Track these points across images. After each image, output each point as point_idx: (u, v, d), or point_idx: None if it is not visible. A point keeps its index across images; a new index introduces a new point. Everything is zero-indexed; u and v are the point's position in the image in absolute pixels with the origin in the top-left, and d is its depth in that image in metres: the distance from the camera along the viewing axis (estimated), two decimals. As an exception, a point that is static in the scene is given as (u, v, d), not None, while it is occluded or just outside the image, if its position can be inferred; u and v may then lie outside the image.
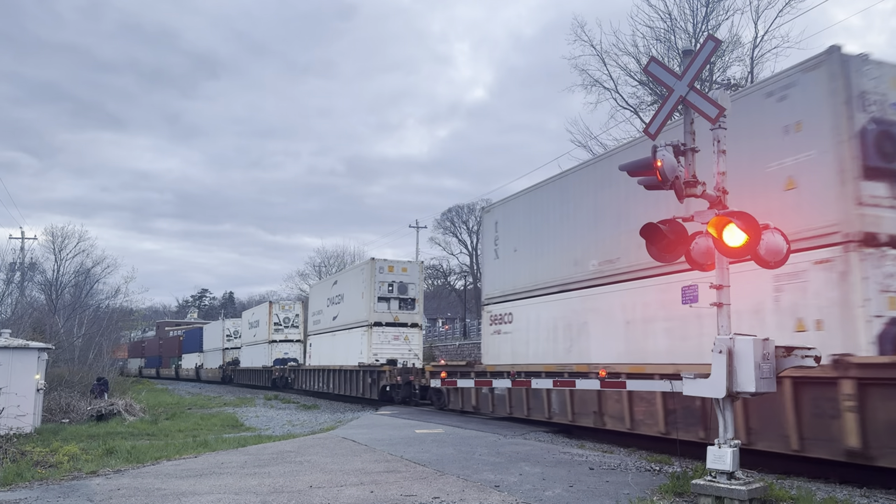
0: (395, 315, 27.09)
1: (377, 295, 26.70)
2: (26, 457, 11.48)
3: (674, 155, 7.46)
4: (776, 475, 8.96)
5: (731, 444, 7.02)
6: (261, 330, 43.21)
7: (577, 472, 9.32)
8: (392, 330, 26.95)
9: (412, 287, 27.32)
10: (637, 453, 11.51)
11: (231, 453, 11.66)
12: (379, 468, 9.67)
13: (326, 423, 19.52)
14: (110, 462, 11.15)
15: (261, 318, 43.49)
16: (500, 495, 7.75)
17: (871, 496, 7.86)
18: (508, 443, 12.58)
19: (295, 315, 41.81)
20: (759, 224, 6.98)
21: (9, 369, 17.04)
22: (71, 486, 8.76)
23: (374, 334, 26.55)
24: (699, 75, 7.88)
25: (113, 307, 44.06)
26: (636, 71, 26.87)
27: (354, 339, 28.21)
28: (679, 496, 7.48)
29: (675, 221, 7.62)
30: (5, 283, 42.23)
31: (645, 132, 8.30)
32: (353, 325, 28.48)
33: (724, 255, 7.25)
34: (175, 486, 8.57)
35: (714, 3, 25.81)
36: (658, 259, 7.87)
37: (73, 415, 20.92)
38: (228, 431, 18.07)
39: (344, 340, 29.48)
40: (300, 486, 8.36)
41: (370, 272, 27.00)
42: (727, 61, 26.13)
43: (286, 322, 41.51)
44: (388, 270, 27.20)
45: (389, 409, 22.12)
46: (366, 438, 13.22)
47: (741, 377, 7.02)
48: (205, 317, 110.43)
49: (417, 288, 27.83)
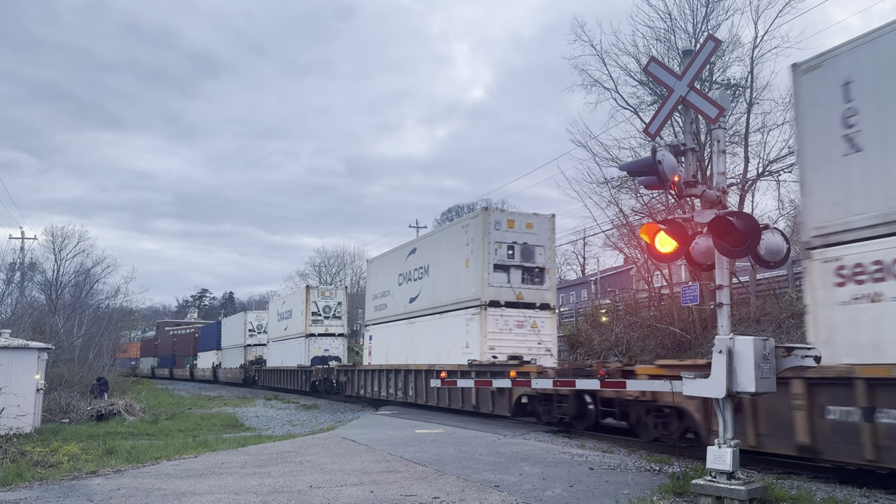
0: (518, 291, 18.94)
1: (493, 262, 18.72)
2: (26, 457, 11.48)
3: (674, 155, 7.47)
4: (776, 475, 8.96)
5: (731, 445, 7.02)
6: (294, 322, 35.97)
7: (577, 472, 9.32)
8: (515, 313, 18.86)
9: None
10: (637, 453, 11.51)
11: (231, 453, 11.66)
12: (379, 468, 9.67)
13: (326, 423, 19.53)
14: (110, 462, 11.15)
15: (294, 306, 36.19)
16: (499, 495, 7.75)
17: (871, 496, 7.86)
18: (508, 443, 12.58)
19: (337, 303, 34.63)
20: (759, 224, 6.99)
21: (9, 369, 17.05)
22: (71, 486, 8.76)
23: (489, 319, 18.46)
24: (699, 75, 7.89)
25: (113, 307, 44.11)
26: (636, 71, 26.86)
27: (452, 328, 20.18)
28: (679, 496, 7.48)
29: (675, 221, 7.63)
30: (5, 283, 42.30)
31: (645, 132, 8.30)
32: (450, 306, 20.38)
33: (725, 255, 7.26)
34: (175, 486, 8.57)
35: (714, 3, 25.81)
36: (659, 260, 7.87)
37: (73, 415, 20.93)
38: (228, 431, 18.07)
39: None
40: (300, 486, 8.36)
41: (482, 228, 18.84)
42: (727, 61, 26.12)
43: (326, 312, 34.40)
44: (508, 226, 19.14)
45: (389, 408, 22.12)
46: (366, 438, 13.22)
47: (741, 377, 7.02)
48: (205, 317, 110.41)
49: (548, 253, 19.51)
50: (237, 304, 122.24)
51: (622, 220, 28.03)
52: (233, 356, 48.97)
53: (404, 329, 23.89)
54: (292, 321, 36.44)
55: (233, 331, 49.76)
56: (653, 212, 25.65)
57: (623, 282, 38.13)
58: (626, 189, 27.10)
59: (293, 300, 37.10)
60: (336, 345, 34.37)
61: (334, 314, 34.74)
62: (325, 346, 33.98)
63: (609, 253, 46.96)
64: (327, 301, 34.74)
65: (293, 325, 36.14)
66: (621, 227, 28.87)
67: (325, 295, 34.91)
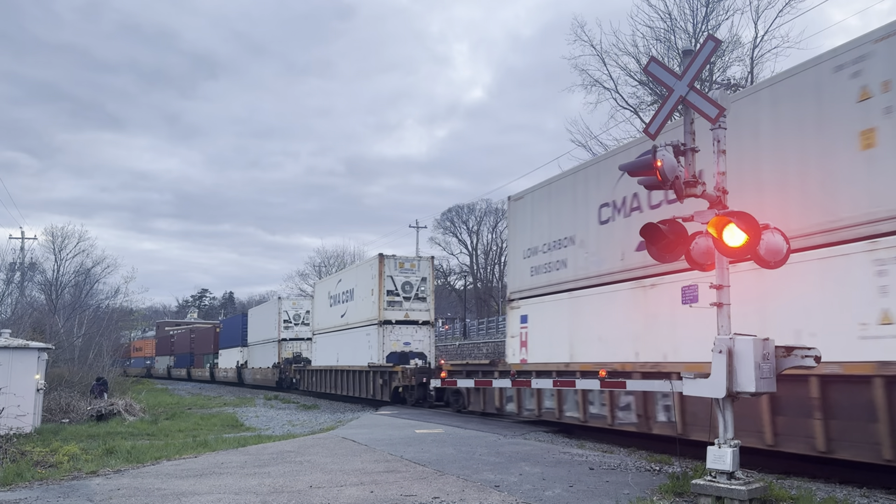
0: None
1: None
2: (26, 457, 11.48)
3: (674, 155, 7.47)
4: (776, 475, 8.96)
5: (731, 444, 7.02)
6: (359, 305, 27.71)
7: (577, 472, 9.31)
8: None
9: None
10: (637, 453, 11.51)
11: (231, 453, 11.66)
12: (379, 468, 9.67)
13: (326, 423, 19.52)
14: (110, 462, 11.15)
15: (359, 283, 28.00)
16: (500, 495, 7.75)
17: (871, 496, 7.86)
18: (508, 443, 12.57)
19: (421, 279, 26.41)
20: (759, 224, 6.98)
21: (9, 369, 17.04)
22: (71, 486, 8.76)
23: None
24: (699, 75, 7.88)
25: (113, 307, 44.08)
26: (636, 71, 26.88)
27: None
28: (679, 496, 7.48)
29: (675, 221, 7.63)
30: (5, 283, 42.29)
31: (645, 132, 8.30)
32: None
33: (725, 255, 7.25)
34: (175, 486, 8.57)
35: (714, 3, 25.82)
36: (658, 259, 7.87)
37: (73, 415, 20.93)
38: (228, 431, 18.07)
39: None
40: (300, 486, 8.36)
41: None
42: (727, 61, 26.15)
43: (407, 290, 26.18)
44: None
45: (389, 409, 22.11)
46: (366, 438, 13.21)
47: (741, 377, 7.02)
48: (205, 317, 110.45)
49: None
50: (237, 304, 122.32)
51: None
52: (263, 353, 41.14)
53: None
54: (356, 305, 28.15)
55: (262, 323, 41.65)
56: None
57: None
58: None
59: (357, 275, 28.70)
60: (420, 336, 25.89)
61: (417, 294, 26.13)
62: (406, 337, 25.79)
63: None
64: (408, 276, 26.18)
65: (357, 310, 27.90)
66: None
67: (405, 268, 26.23)
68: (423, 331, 25.97)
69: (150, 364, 74.97)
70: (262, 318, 42.41)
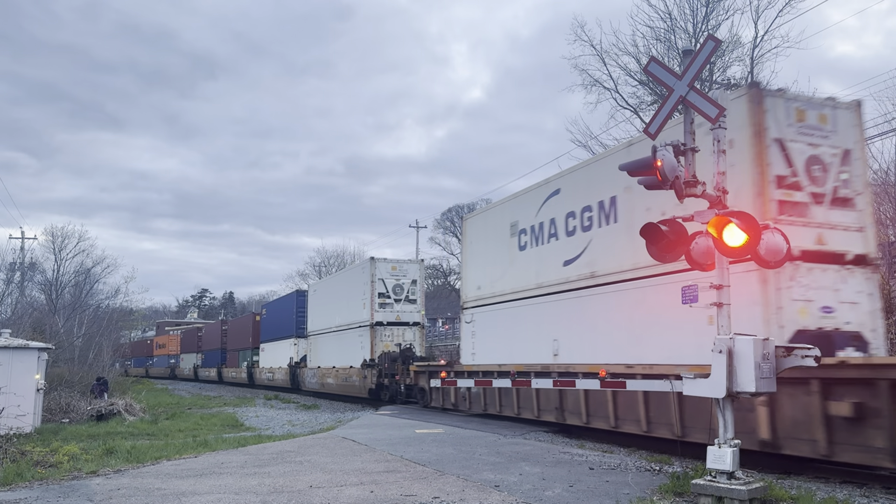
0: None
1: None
2: (26, 457, 11.48)
3: (674, 155, 7.47)
4: (776, 475, 8.96)
5: (731, 444, 7.02)
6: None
7: (577, 471, 9.31)
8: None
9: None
10: (637, 453, 11.51)
11: (231, 453, 11.66)
12: (379, 468, 9.67)
13: (326, 423, 19.53)
14: (110, 462, 11.15)
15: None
16: (500, 495, 7.75)
17: (871, 496, 7.86)
18: (508, 443, 12.57)
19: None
20: (759, 224, 6.98)
21: (9, 369, 17.05)
22: (71, 486, 8.76)
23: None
24: (699, 75, 7.88)
25: (113, 307, 44.11)
26: (636, 71, 26.87)
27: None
28: (679, 496, 7.48)
29: (675, 221, 7.63)
30: (5, 283, 42.28)
31: (645, 132, 8.30)
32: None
33: (725, 255, 7.25)
34: (175, 485, 8.57)
35: (714, 3, 25.82)
36: (658, 259, 7.87)
37: (73, 415, 20.94)
38: (228, 431, 18.07)
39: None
40: (300, 486, 8.35)
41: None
42: (727, 61, 26.14)
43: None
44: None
45: (389, 409, 22.10)
46: (366, 438, 13.21)
47: (741, 377, 7.01)
48: (205, 317, 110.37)
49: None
50: (237, 304, 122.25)
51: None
52: (340, 346, 29.77)
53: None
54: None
55: (338, 299, 30.46)
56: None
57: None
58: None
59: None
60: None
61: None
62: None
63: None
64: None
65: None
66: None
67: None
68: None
69: (175, 363, 65.92)
70: (337, 292, 31.19)
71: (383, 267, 27.27)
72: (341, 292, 30.08)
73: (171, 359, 67.48)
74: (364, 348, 26.81)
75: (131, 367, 79.77)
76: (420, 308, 27.58)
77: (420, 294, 27.80)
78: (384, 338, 26.61)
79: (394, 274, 27.17)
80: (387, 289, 26.96)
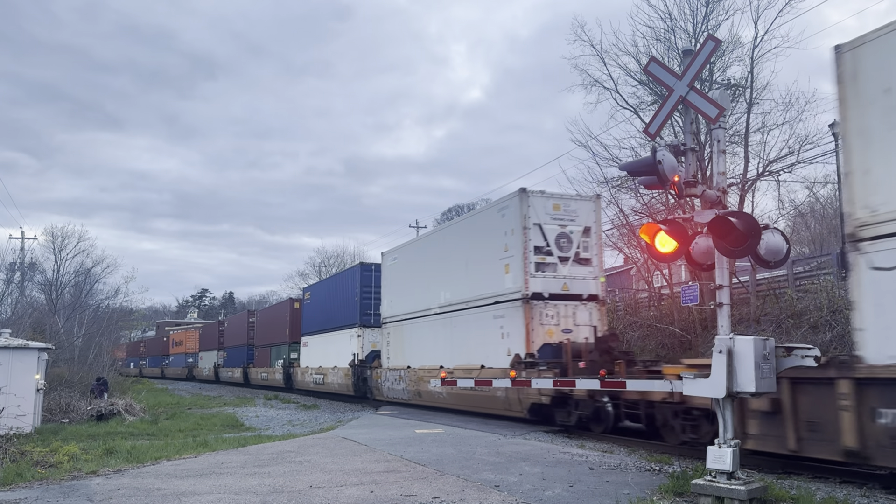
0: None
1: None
2: (26, 457, 11.48)
3: (674, 155, 7.47)
4: (776, 475, 8.96)
5: (731, 444, 7.03)
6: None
7: (577, 471, 9.31)
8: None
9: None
10: (637, 453, 11.51)
11: (231, 453, 11.66)
12: (379, 468, 9.67)
13: (326, 423, 19.53)
14: (110, 462, 11.15)
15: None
16: (500, 495, 7.75)
17: (871, 496, 7.86)
18: (508, 443, 12.57)
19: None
20: (759, 224, 6.99)
21: (9, 369, 17.05)
22: (71, 486, 8.76)
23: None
24: (699, 75, 7.89)
25: (113, 307, 44.07)
26: (636, 71, 26.84)
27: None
28: (679, 496, 7.48)
29: (675, 221, 7.63)
30: (5, 283, 42.25)
31: (645, 132, 8.31)
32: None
33: (725, 255, 7.25)
34: (175, 485, 8.57)
35: (714, 3, 25.78)
36: (658, 259, 7.87)
37: (73, 415, 20.95)
38: (228, 431, 18.08)
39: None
40: (300, 486, 8.35)
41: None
42: (727, 61, 26.08)
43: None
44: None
45: (389, 408, 22.10)
46: (366, 438, 13.21)
47: (741, 377, 7.02)
48: (205, 317, 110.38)
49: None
50: (237, 304, 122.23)
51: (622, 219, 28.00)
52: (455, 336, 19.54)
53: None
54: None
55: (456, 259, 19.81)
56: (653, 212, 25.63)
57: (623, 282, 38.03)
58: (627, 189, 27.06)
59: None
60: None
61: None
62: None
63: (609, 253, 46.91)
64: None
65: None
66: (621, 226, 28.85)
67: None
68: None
69: (193, 362, 59.45)
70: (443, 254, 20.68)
71: (540, 205, 16.51)
72: (455, 252, 19.56)
73: (188, 357, 61.06)
74: (511, 337, 16.36)
75: (146, 367, 75.43)
76: (597, 272, 17.09)
77: (596, 250, 17.10)
78: (545, 320, 16.12)
79: (556, 217, 16.57)
80: (546, 240, 16.50)
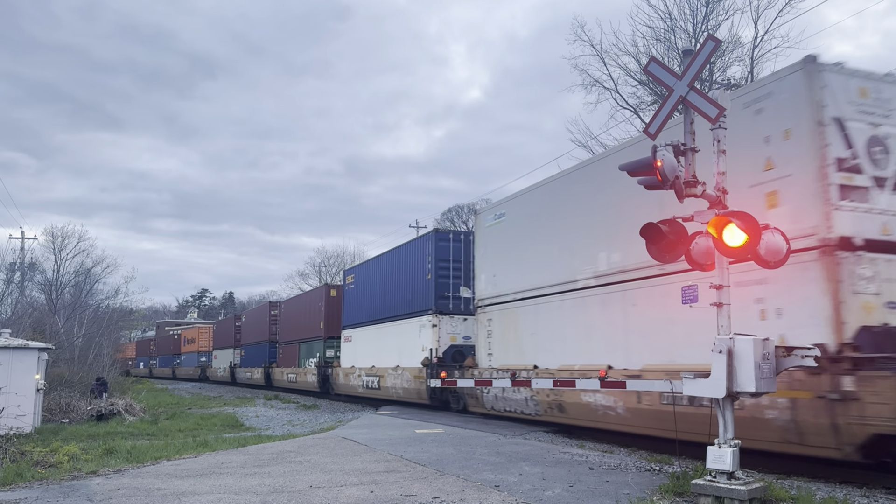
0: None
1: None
2: (26, 457, 11.48)
3: (674, 155, 7.46)
4: (776, 475, 8.96)
5: (731, 444, 7.02)
6: None
7: (577, 471, 9.31)
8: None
9: None
10: (637, 453, 11.51)
11: (231, 453, 11.66)
12: (379, 468, 9.67)
13: (326, 423, 19.52)
14: (110, 462, 11.15)
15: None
16: (500, 495, 7.75)
17: (871, 496, 7.86)
18: (508, 443, 12.57)
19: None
20: (759, 224, 6.98)
21: (9, 369, 17.04)
22: (71, 486, 8.75)
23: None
24: (699, 75, 7.88)
25: (113, 307, 44.05)
26: (636, 71, 26.87)
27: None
28: (679, 496, 7.48)
29: (675, 221, 7.62)
30: (5, 283, 42.20)
31: (645, 132, 8.30)
32: None
33: (725, 255, 7.25)
34: (175, 485, 8.57)
35: (714, 3, 25.82)
36: (658, 259, 7.86)
37: (73, 415, 20.94)
38: (228, 431, 18.08)
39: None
40: (300, 486, 8.35)
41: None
42: (727, 61, 26.13)
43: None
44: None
45: (389, 408, 22.10)
46: (366, 438, 13.21)
47: (741, 377, 7.01)
48: (205, 317, 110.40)
49: None
50: (237, 305, 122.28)
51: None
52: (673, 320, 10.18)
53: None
54: None
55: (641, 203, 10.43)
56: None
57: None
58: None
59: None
60: None
61: None
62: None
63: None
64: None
65: None
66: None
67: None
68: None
69: (206, 362, 54.83)
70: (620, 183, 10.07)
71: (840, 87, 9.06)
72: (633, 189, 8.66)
73: (201, 356, 55.98)
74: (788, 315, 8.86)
75: (156, 367, 72.72)
76: None
77: None
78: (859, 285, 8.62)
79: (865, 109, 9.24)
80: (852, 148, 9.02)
